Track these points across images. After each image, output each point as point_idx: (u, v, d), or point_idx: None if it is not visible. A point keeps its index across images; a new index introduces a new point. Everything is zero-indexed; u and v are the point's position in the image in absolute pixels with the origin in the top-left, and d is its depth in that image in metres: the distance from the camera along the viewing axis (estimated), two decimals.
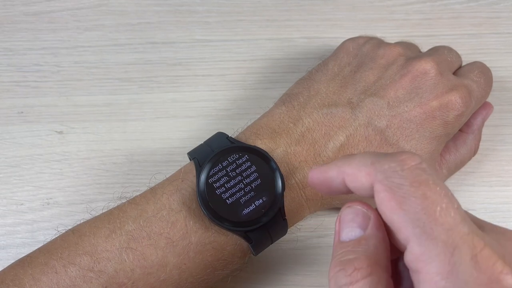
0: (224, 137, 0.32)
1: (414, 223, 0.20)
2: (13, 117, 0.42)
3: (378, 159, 0.22)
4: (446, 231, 0.20)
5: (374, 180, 0.22)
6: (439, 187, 0.21)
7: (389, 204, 0.21)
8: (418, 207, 0.20)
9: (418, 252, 0.20)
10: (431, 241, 0.20)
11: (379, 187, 0.22)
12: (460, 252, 0.19)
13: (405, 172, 0.21)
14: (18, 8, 0.46)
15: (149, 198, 0.31)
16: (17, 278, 0.28)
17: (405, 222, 0.21)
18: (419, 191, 0.21)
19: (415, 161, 0.22)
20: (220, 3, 0.46)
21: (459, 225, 0.20)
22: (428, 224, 0.20)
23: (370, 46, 0.37)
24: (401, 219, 0.21)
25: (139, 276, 0.29)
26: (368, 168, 0.23)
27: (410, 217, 0.20)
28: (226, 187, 0.30)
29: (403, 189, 0.21)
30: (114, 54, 0.44)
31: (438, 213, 0.20)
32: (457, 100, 0.33)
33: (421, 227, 0.20)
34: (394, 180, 0.21)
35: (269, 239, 0.31)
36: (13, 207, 0.39)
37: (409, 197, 0.21)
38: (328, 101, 0.34)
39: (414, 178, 0.21)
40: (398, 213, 0.21)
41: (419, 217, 0.20)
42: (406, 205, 0.21)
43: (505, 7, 0.46)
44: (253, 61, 0.44)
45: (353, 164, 0.23)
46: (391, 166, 0.22)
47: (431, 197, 0.21)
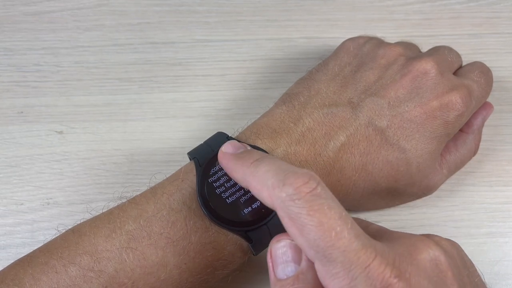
0: (224, 137, 0.32)
1: (315, 248, 0.22)
2: (13, 117, 0.42)
3: (278, 184, 0.24)
4: (342, 252, 0.22)
5: (275, 206, 0.24)
6: (333, 211, 0.23)
7: (292, 230, 0.23)
8: (316, 235, 0.22)
9: (323, 272, 0.23)
10: (331, 263, 0.22)
11: (281, 213, 0.24)
12: (355, 268, 0.22)
13: (301, 201, 0.23)
14: (18, 8, 0.46)
15: (149, 197, 0.31)
16: (17, 277, 0.28)
17: (307, 247, 0.23)
18: (315, 219, 0.22)
19: (310, 187, 0.23)
20: (220, 3, 0.46)
21: (353, 243, 0.22)
22: (327, 249, 0.22)
23: (371, 46, 0.37)
24: (304, 244, 0.23)
25: (139, 275, 0.29)
26: (269, 191, 0.24)
27: (311, 243, 0.22)
28: (226, 186, 0.30)
29: (301, 218, 0.23)
30: (114, 54, 0.44)
31: (333, 238, 0.22)
32: (458, 100, 0.34)
33: (320, 252, 0.22)
34: (292, 209, 0.23)
35: (269, 239, 0.31)
36: (13, 207, 0.39)
37: (307, 226, 0.22)
38: (329, 100, 0.34)
39: (310, 206, 0.23)
40: (300, 239, 0.23)
41: (318, 243, 0.22)
42: (305, 233, 0.23)
43: (505, 7, 0.46)
44: (253, 61, 0.44)
45: (256, 178, 0.25)
46: (288, 195, 0.23)
47: (326, 224, 0.22)
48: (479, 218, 0.39)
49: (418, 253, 0.24)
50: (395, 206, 0.39)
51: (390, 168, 0.33)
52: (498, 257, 0.37)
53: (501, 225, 0.38)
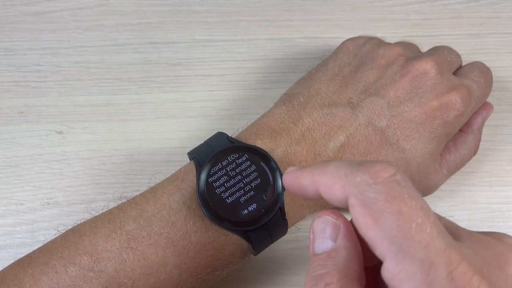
0: (224, 137, 0.32)
1: (390, 240, 0.20)
2: (13, 117, 0.42)
3: (351, 171, 0.22)
4: (423, 248, 0.19)
5: (348, 193, 0.22)
6: (415, 201, 0.20)
7: (364, 219, 0.21)
8: (394, 224, 0.20)
9: (395, 270, 0.20)
10: (408, 259, 0.19)
11: (353, 201, 0.21)
12: (436, 270, 0.19)
13: (378, 186, 0.21)
14: (18, 8, 0.46)
15: (149, 198, 0.31)
16: (17, 277, 0.28)
17: (381, 239, 0.20)
18: (393, 206, 0.20)
19: (388, 173, 0.21)
20: (220, 3, 0.46)
21: (436, 240, 0.20)
22: (404, 242, 0.20)
23: (370, 46, 0.37)
24: (377, 235, 0.20)
25: (139, 275, 0.29)
26: (341, 180, 0.22)
27: (386, 234, 0.20)
28: (226, 186, 0.30)
29: (377, 204, 0.20)
30: (114, 54, 0.44)
31: (414, 229, 0.20)
32: (457, 100, 0.34)
33: (397, 245, 0.20)
34: (368, 195, 0.21)
35: (269, 239, 0.31)
36: (13, 207, 0.39)
37: (383, 213, 0.20)
38: (328, 101, 0.34)
39: (388, 192, 0.21)
40: (374, 229, 0.20)
41: (395, 234, 0.20)
42: (381, 221, 0.20)
43: (505, 7, 0.46)
44: (253, 61, 0.44)
45: (327, 174, 0.23)
46: (364, 179, 0.21)
47: (406, 213, 0.20)
48: (479, 218, 0.39)
49: (508, 266, 0.21)
50: None
51: None
52: None
53: (501, 225, 0.38)
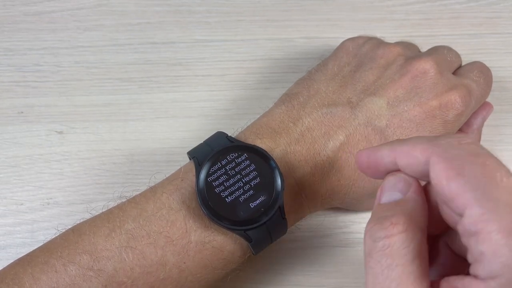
0: (223, 137, 0.32)
1: (474, 187, 0.20)
2: (13, 117, 0.42)
3: (434, 138, 0.23)
4: (508, 193, 0.20)
5: (431, 153, 0.22)
6: (495, 159, 0.22)
7: (447, 173, 0.21)
8: (478, 172, 0.21)
9: (479, 213, 0.20)
10: (493, 201, 0.20)
11: (436, 159, 0.22)
12: None
13: (463, 146, 0.22)
14: (18, 8, 0.46)
15: (149, 197, 0.31)
16: (17, 277, 0.28)
17: (464, 187, 0.21)
18: (478, 159, 0.21)
19: (470, 140, 0.23)
20: (220, 3, 0.46)
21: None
22: (489, 187, 0.20)
23: (370, 46, 0.37)
24: (460, 185, 0.21)
25: (138, 275, 0.29)
26: (424, 144, 0.23)
27: (470, 182, 0.21)
28: (225, 185, 0.30)
29: (462, 159, 0.21)
30: (114, 54, 0.44)
31: (499, 177, 0.21)
32: (457, 100, 0.34)
33: (481, 190, 0.20)
34: (452, 151, 0.22)
35: (269, 238, 0.31)
36: (13, 207, 0.39)
37: (468, 165, 0.21)
38: (328, 100, 0.34)
39: (472, 150, 0.22)
40: (457, 180, 0.21)
41: (479, 181, 0.21)
42: (465, 171, 0.21)
43: (505, 7, 0.46)
44: (253, 61, 0.44)
45: (408, 142, 0.24)
46: (448, 141, 0.23)
47: (491, 165, 0.21)
48: None
49: None
50: None
51: None
52: None
53: None
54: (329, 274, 0.37)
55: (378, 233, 0.22)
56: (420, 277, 0.21)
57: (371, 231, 0.23)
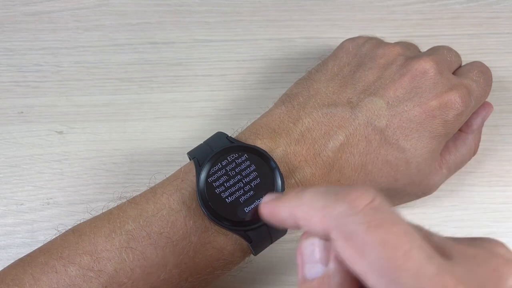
0: (223, 137, 0.32)
1: (379, 272, 0.19)
2: (13, 117, 0.42)
3: (328, 203, 0.21)
4: (413, 276, 0.18)
5: (328, 227, 0.21)
6: (397, 227, 0.19)
7: (349, 253, 0.20)
8: (379, 255, 0.19)
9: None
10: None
11: (334, 235, 0.20)
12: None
13: (358, 216, 0.20)
14: (18, 8, 0.46)
15: (149, 197, 0.31)
16: (17, 277, 0.28)
17: (369, 272, 0.19)
18: (376, 236, 0.19)
19: (367, 199, 0.20)
20: (220, 3, 0.46)
21: (426, 266, 0.19)
22: (394, 273, 0.19)
23: (370, 46, 0.37)
24: (365, 268, 0.19)
25: (139, 275, 0.29)
26: (319, 213, 0.21)
27: (373, 266, 0.19)
28: (226, 186, 0.30)
29: (360, 236, 0.19)
30: (114, 54, 0.44)
31: (401, 259, 0.19)
32: (457, 100, 0.34)
33: (386, 276, 0.19)
34: (349, 227, 0.20)
35: (269, 238, 0.31)
36: (13, 207, 0.39)
37: (367, 245, 0.19)
38: (328, 100, 0.34)
39: (369, 222, 0.20)
40: (360, 262, 0.19)
41: (382, 265, 0.19)
42: (366, 254, 0.19)
43: (505, 7, 0.46)
44: (253, 61, 0.44)
45: (303, 206, 0.22)
46: (342, 211, 0.20)
47: (391, 242, 0.19)
48: (479, 218, 0.39)
49: (504, 281, 0.20)
50: (395, 206, 0.39)
51: (390, 168, 0.33)
52: None
53: (501, 225, 0.38)
54: None
55: None
56: None
57: None
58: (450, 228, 0.38)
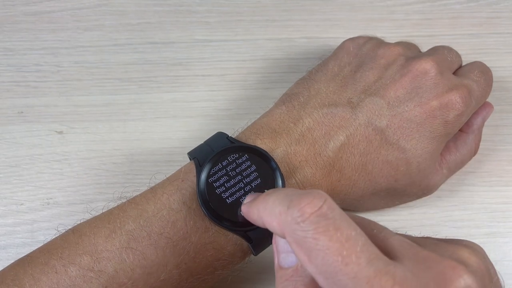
0: (224, 137, 0.32)
1: (324, 275, 0.21)
2: (13, 117, 0.42)
3: (283, 209, 0.23)
4: (352, 279, 0.20)
5: (283, 232, 0.22)
6: (340, 232, 0.21)
7: (300, 257, 0.22)
8: (323, 260, 0.21)
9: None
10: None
11: (289, 239, 0.22)
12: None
13: (306, 224, 0.21)
14: (18, 8, 0.46)
15: (149, 198, 0.31)
16: (17, 278, 0.28)
17: (317, 275, 0.21)
18: (320, 242, 0.21)
19: (315, 207, 0.22)
20: (220, 3, 0.46)
21: (364, 269, 0.20)
22: (335, 276, 0.20)
23: (370, 46, 0.37)
24: (313, 270, 0.21)
25: (139, 276, 0.29)
26: (277, 218, 0.23)
27: (319, 269, 0.21)
28: (226, 186, 0.30)
29: (307, 242, 0.21)
30: (114, 54, 0.44)
31: (341, 262, 0.20)
32: (457, 100, 0.34)
33: (330, 279, 0.21)
34: (298, 234, 0.21)
35: (269, 239, 0.31)
36: (13, 207, 0.39)
37: (313, 251, 0.21)
38: (328, 101, 0.34)
39: (315, 229, 0.21)
40: (309, 266, 0.21)
41: (326, 269, 0.21)
42: (313, 258, 0.21)
43: (505, 7, 0.46)
44: (253, 61, 0.44)
45: (266, 211, 0.24)
46: (293, 218, 0.22)
47: (333, 247, 0.21)
48: (479, 218, 0.39)
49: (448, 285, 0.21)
50: (395, 206, 0.39)
51: (390, 168, 0.33)
52: (498, 257, 0.37)
53: (501, 225, 0.38)
54: None
55: None
56: None
57: None
58: (450, 228, 0.38)
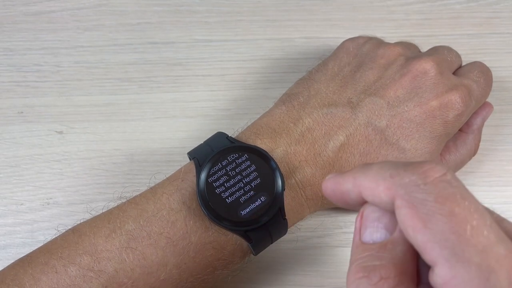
0: (224, 137, 0.32)
1: (442, 243, 0.18)
2: (13, 117, 0.42)
3: (397, 172, 0.20)
4: (480, 252, 0.18)
5: (394, 195, 0.20)
6: (468, 202, 0.19)
7: (412, 222, 0.19)
8: (446, 226, 0.18)
9: (448, 276, 0.18)
10: (463, 264, 0.18)
11: (400, 203, 0.20)
12: (497, 277, 0.17)
13: (428, 186, 0.19)
14: (18, 8, 0.46)
15: (149, 197, 0.31)
16: (17, 277, 0.28)
17: (431, 243, 0.18)
18: (445, 207, 0.18)
19: (438, 173, 0.20)
20: (220, 3, 0.46)
21: (495, 245, 0.18)
22: (458, 245, 0.18)
23: (370, 46, 0.37)
24: (426, 238, 0.18)
25: (139, 275, 0.29)
26: (387, 181, 0.20)
27: (437, 237, 0.18)
28: (226, 186, 0.30)
29: (427, 206, 0.19)
30: (114, 54, 0.44)
31: (469, 232, 0.18)
32: (457, 100, 0.34)
33: (450, 249, 0.18)
34: (417, 195, 0.19)
35: (269, 238, 0.31)
36: (13, 207, 0.39)
37: (434, 215, 0.18)
38: (328, 101, 0.34)
39: (439, 192, 0.19)
40: (423, 232, 0.19)
41: (447, 237, 0.18)
42: (431, 224, 0.18)
43: (505, 7, 0.46)
44: (253, 61, 0.44)
45: (370, 176, 0.21)
46: (412, 180, 0.20)
47: (460, 214, 0.18)
48: None
49: None
50: None
51: None
52: None
53: None
54: (329, 274, 0.37)
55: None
56: None
57: (358, 284, 0.20)
58: None
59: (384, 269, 0.20)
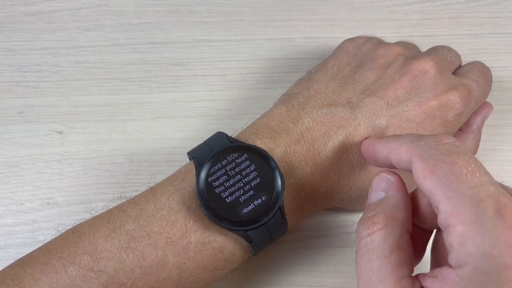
0: (223, 137, 0.32)
1: (444, 184, 0.23)
2: (13, 117, 0.42)
3: (418, 138, 0.26)
4: (472, 187, 0.22)
5: (412, 153, 0.25)
6: (468, 156, 0.24)
7: (423, 171, 0.24)
8: (447, 170, 0.23)
9: (449, 208, 0.23)
10: (459, 197, 0.22)
11: (415, 158, 0.25)
12: (484, 205, 0.22)
13: (439, 146, 0.25)
14: (18, 8, 0.46)
15: (149, 197, 0.31)
16: (17, 277, 0.28)
17: (436, 185, 0.23)
18: (449, 158, 0.24)
19: (449, 140, 0.25)
20: (220, 3, 0.46)
21: (485, 184, 0.23)
22: (456, 183, 0.23)
23: (370, 46, 0.37)
24: (433, 182, 0.23)
25: (139, 275, 0.29)
26: (408, 144, 0.26)
27: (441, 179, 0.23)
28: (226, 186, 0.30)
29: (435, 158, 0.24)
30: (114, 54, 0.44)
31: (464, 174, 0.23)
32: (457, 100, 0.34)
33: (449, 187, 0.23)
34: (428, 152, 0.25)
35: (269, 238, 0.31)
36: (13, 207, 0.39)
37: (439, 163, 0.24)
38: (328, 100, 0.34)
39: (446, 150, 0.24)
40: (431, 177, 0.24)
41: (448, 177, 0.23)
42: (437, 170, 0.24)
43: (505, 7, 0.46)
44: (253, 61, 0.44)
45: (398, 140, 0.27)
46: (427, 142, 0.25)
47: (459, 163, 0.23)
48: None
49: None
50: None
51: None
52: None
53: None
54: (329, 274, 0.37)
55: (363, 232, 0.26)
56: (398, 265, 0.24)
57: (358, 231, 0.26)
58: None
59: (376, 217, 0.26)
